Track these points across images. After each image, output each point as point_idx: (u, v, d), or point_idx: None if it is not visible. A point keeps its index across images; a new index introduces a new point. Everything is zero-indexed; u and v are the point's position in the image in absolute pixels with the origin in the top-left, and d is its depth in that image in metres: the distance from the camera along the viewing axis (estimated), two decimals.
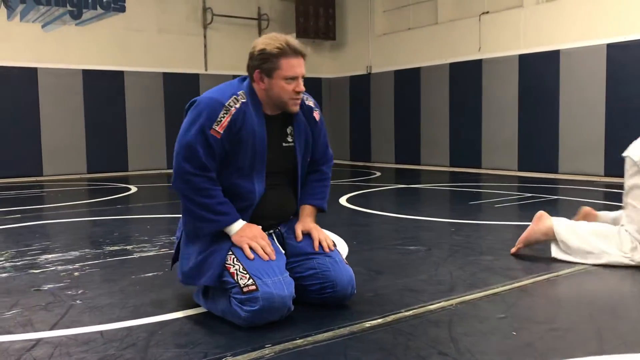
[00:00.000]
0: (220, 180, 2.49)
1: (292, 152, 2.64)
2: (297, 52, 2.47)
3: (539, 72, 9.36)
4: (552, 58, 9.16)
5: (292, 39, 2.50)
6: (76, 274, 3.32)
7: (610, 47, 8.45)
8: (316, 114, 2.72)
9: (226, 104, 2.44)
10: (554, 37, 9.20)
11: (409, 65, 11.55)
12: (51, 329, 2.39)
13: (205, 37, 11.96)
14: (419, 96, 11.38)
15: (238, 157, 2.48)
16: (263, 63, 2.46)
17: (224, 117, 2.43)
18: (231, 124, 2.43)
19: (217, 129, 2.42)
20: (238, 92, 2.50)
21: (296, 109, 2.57)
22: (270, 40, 2.47)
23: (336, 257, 2.60)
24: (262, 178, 2.55)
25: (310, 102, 2.71)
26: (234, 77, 10.30)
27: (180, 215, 2.63)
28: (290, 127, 2.64)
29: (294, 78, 2.48)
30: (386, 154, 12.20)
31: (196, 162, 2.41)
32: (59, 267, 3.48)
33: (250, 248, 2.41)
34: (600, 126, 8.63)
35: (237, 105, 2.46)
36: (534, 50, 9.43)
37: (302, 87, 2.52)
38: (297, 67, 2.48)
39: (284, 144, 2.62)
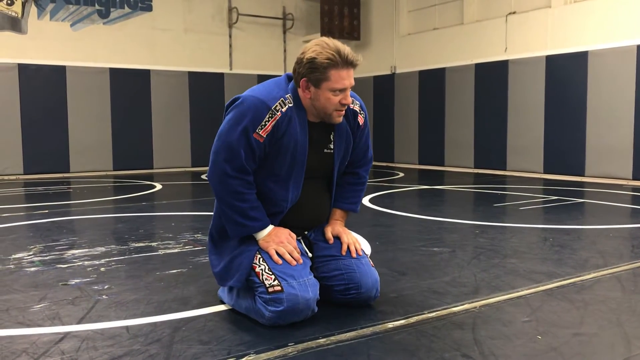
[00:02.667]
0: (255, 181, 2.46)
1: (331, 158, 2.58)
2: (347, 63, 2.35)
3: (567, 73, 9.23)
4: (580, 59, 9.03)
5: (344, 48, 2.36)
6: (102, 269, 3.37)
7: None
8: (360, 119, 2.62)
9: (272, 108, 2.36)
10: (582, 38, 9.07)
11: (434, 66, 11.48)
12: (78, 323, 2.43)
13: (230, 36, 12.03)
14: (444, 97, 11.30)
15: (276, 162, 2.43)
16: (311, 72, 2.35)
17: (268, 121, 2.35)
18: (275, 129, 2.36)
19: (260, 133, 2.35)
20: (286, 96, 2.42)
21: (339, 120, 2.48)
22: (320, 48, 2.35)
23: (362, 259, 2.59)
24: (299, 185, 2.50)
25: (356, 107, 2.61)
26: (258, 76, 10.34)
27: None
28: (332, 134, 2.56)
29: (342, 90, 2.39)
30: (410, 154, 12.14)
31: (236, 164, 2.37)
32: (86, 263, 3.54)
33: (277, 253, 2.42)
34: (629, 129, 8.48)
35: (284, 110, 2.38)
36: (562, 51, 9.30)
37: (349, 100, 2.42)
38: (346, 79, 2.36)
39: (325, 150, 2.55)
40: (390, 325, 2.38)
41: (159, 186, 8.38)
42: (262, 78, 11.51)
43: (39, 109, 10.15)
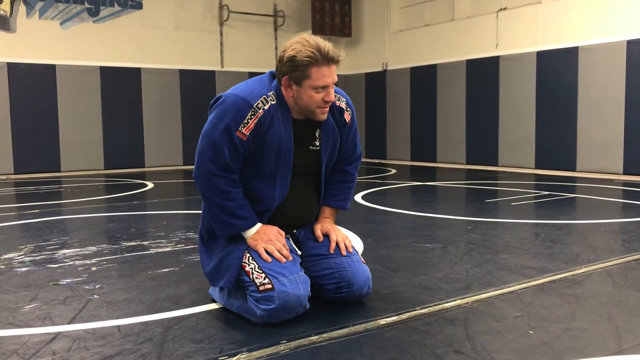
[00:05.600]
0: (241, 180, 2.45)
1: (318, 155, 2.57)
2: (328, 60, 2.33)
3: (558, 69, 9.26)
4: (570, 55, 9.06)
5: (325, 44, 2.34)
6: (94, 268, 3.36)
7: (630, 43, 8.34)
8: (347, 115, 2.61)
9: (254, 105, 2.35)
10: (572, 34, 9.10)
11: (425, 62, 11.49)
12: (69, 323, 2.42)
13: (221, 34, 11.99)
14: (435, 93, 11.32)
15: (261, 160, 2.42)
16: (292, 71, 2.34)
17: (251, 118, 2.34)
18: (257, 126, 2.35)
19: (243, 131, 2.33)
20: (268, 93, 2.40)
21: (323, 117, 2.46)
22: (301, 46, 2.32)
23: (353, 257, 2.59)
24: (286, 183, 2.49)
25: (342, 104, 2.59)
26: (250, 74, 10.30)
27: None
28: (318, 130, 2.55)
29: (325, 87, 2.37)
30: (402, 151, 12.15)
31: (221, 163, 2.36)
32: (77, 262, 3.52)
33: (267, 251, 2.41)
34: (620, 124, 8.53)
35: (266, 107, 2.36)
36: (552, 47, 9.33)
37: (332, 97, 2.39)
38: (327, 76, 2.34)
39: (310, 147, 2.54)
40: (382, 321, 2.38)
41: (150, 185, 8.35)
42: (253, 75, 11.40)
43: (28, 108, 10.07)
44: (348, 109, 2.62)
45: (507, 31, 10.05)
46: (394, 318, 2.42)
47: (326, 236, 2.62)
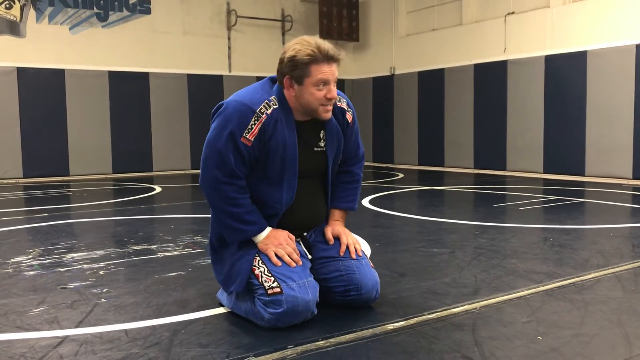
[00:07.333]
0: (248, 186, 2.45)
1: (323, 156, 2.57)
2: (328, 58, 2.35)
3: (566, 73, 9.23)
4: (579, 59, 9.02)
5: (324, 43, 2.37)
6: (101, 272, 3.36)
7: (639, 47, 8.30)
8: (349, 116, 2.63)
9: (257, 111, 2.36)
10: (581, 38, 9.06)
11: (433, 67, 11.48)
12: (77, 326, 2.42)
13: (229, 38, 12.03)
14: (443, 97, 11.30)
15: (267, 165, 2.42)
16: (293, 70, 2.36)
17: (254, 124, 2.35)
18: (261, 131, 2.36)
19: (248, 136, 2.34)
20: (270, 98, 2.42)
21: (328, 116, 2.46)
22: (300, 46, 2.36)
23: (362, 260, 2.58)
24: (293, 187, 2.49)
25: (343, 104, 2.62)
26: (258, 78, 10.33)
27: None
28: (322, 132, 2.56)
29: (326, 83, 2.37)
30: (409, 155, 12.14)
31: (227, 169, 2.36)
32: (85, 266, 3.53)
33: (277, 255, 2.41)
34: (629, 128, 8.48)
35: (269, 112, 2.38)
36: (561, 51, 9.30)
37: (334, 94, 2.39)
38: (328, 72, 2.36)
39: (315, 149, 2.54)
40: (390, 326, 2.37)
41: (158, 189, 8.37)
42: (261, 80, 11.47)
43: (38, 113, 10.14)
44: (349, 110, 2.65)
45: (515, 35, 10.03)
46: (402, 323, 2.41)
47: (337, 239, 2.62)
